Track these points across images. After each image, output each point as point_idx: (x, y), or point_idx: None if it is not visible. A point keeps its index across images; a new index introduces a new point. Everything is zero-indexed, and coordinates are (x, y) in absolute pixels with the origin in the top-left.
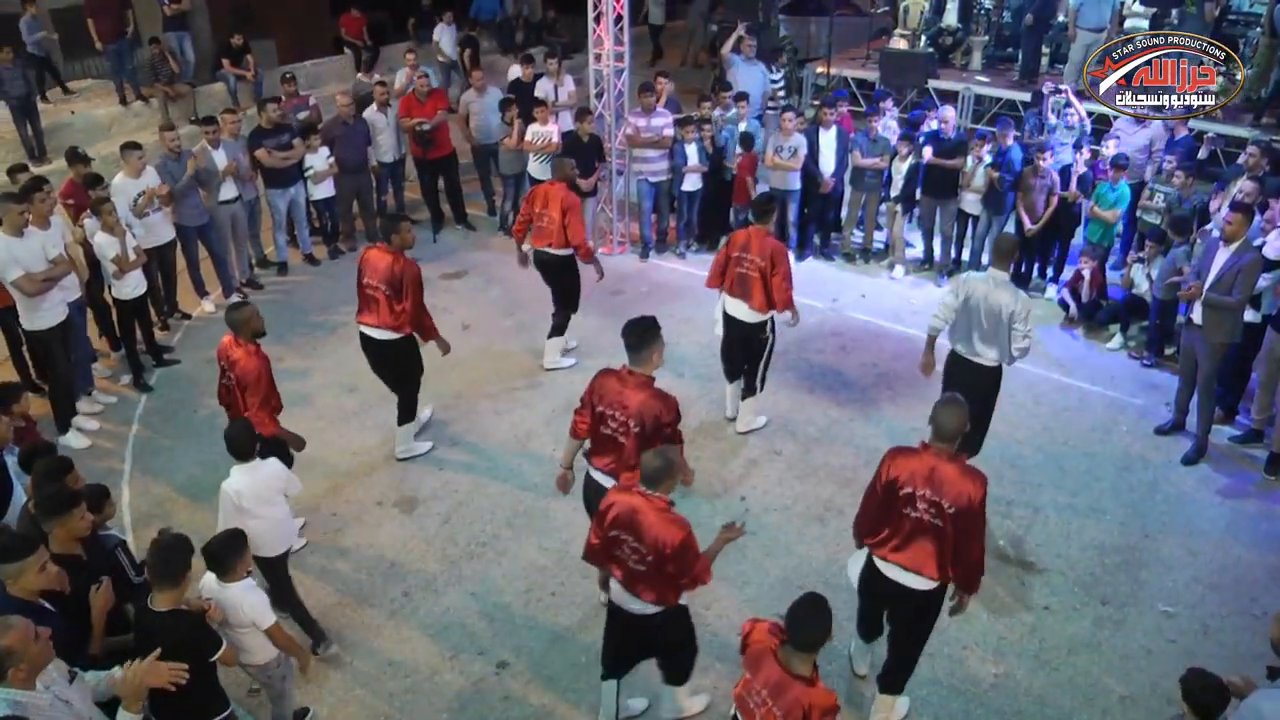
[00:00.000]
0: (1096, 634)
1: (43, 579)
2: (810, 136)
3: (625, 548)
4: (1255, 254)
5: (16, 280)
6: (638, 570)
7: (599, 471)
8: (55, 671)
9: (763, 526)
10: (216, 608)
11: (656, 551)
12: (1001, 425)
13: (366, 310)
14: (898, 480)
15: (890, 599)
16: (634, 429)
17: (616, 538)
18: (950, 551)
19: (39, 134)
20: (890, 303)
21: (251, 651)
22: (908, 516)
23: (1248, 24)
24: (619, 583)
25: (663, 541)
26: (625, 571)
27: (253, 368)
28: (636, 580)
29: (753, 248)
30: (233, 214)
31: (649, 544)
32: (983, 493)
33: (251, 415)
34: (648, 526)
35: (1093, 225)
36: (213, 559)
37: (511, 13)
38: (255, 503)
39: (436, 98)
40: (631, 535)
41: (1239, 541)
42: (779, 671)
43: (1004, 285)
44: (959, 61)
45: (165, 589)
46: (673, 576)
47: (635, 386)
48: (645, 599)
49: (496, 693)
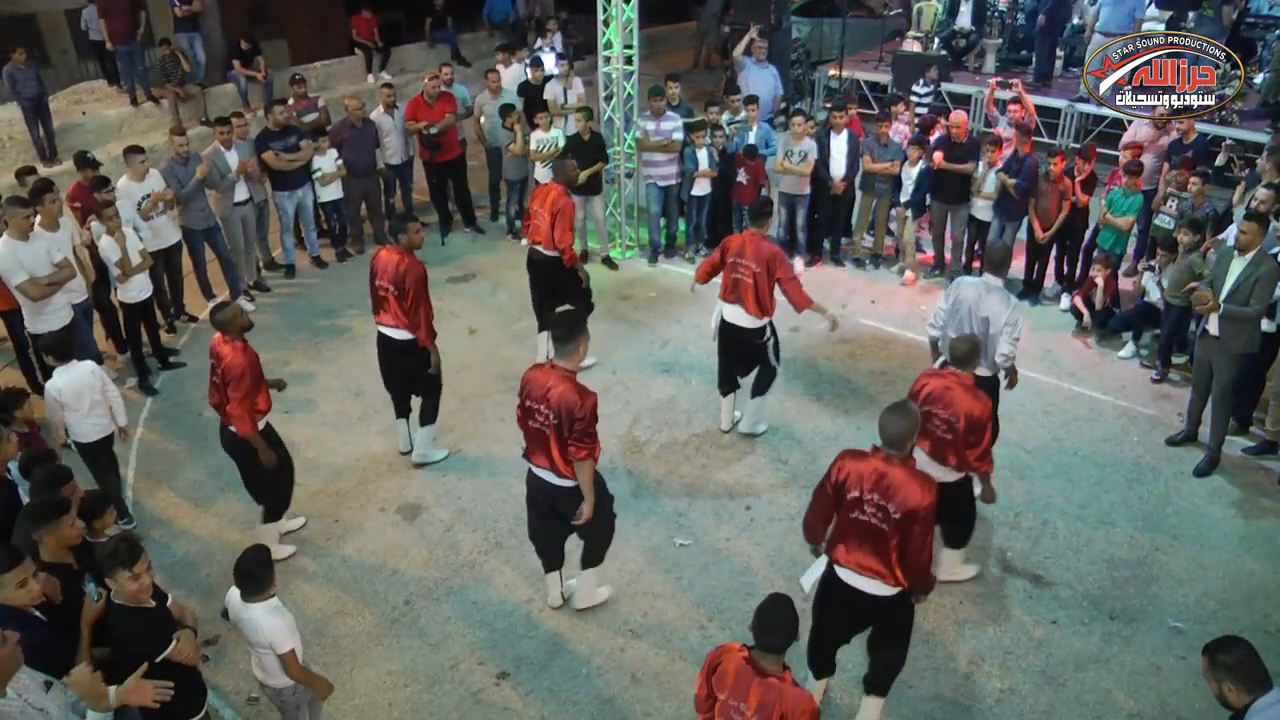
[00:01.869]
0: (1105, 649)
1: (22, 595)
2: (821, 141)
3: (935, 420)
4: (1272, 263)
5: (21, 284)
6: (944, 439)
7: (537, 468)
8: (28, 679)
9: (768, 536)
10: (191, 613)
11: (966, 419)
12: (1010, 434)
13: (382, 310)
14: (846, 483)
15: (852, 607)
16: (553, 420)
17: (929, 412)
18: (896, 556)
19: (50, 135)
20: (900, 309)
21: (269, 672)
22: (855, 519)
23: (1266, 27)
24: (926, 454)
25: (968, 410)
26: (934, 442)
27: (238, 363)
28: (943, 449)
29: (748, 253)
30: (243, 216)
31: (959, 415)
32: (930, 500)
33: (232, 409)
34: (956, 401)
35: (1105, 232)
36: (243, 575)
37: (523, 14)
38: (72, 398)
39: (445, 101)
40: (942, 409)
41: (1252, 556)
42: (752, 677)
43: (996, 291)
44: (972, 64)
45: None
46: (973, 445)
47: (557, 379)
48: (950, 465)
49: (497, 703)
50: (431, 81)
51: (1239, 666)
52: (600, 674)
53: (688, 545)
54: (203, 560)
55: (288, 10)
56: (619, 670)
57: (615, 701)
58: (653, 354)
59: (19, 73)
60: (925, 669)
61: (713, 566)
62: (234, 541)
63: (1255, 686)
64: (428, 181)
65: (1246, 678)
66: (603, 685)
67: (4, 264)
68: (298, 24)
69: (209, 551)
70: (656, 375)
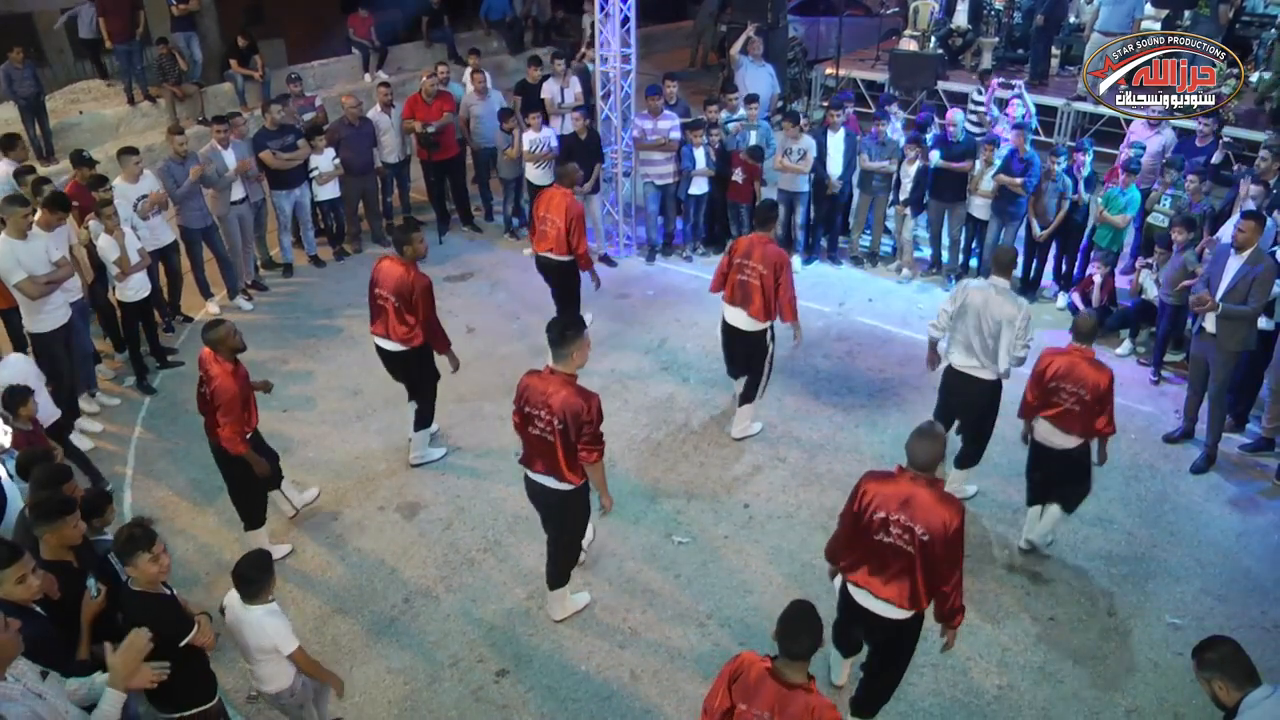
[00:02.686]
0: (1102, 646)
1: (21, 590)
2: (818, 139)
3: (1063, 394)
4: (1269, 262)
5: (20, 283)
6: (1073, 410)
7: (536, 474)
8: (25, 665)
9: (766, 534)
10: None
11: (1093, 391)
12: (1009, 432)
13: (377, 320)
14: (871, 504)
15: (862, 624)
16: (558, 427)
17: (1056, 388)
18: (922, 581)
19: (47, 134)
20: (898, 307)
21: (264, 680)
22: (880, 542)
23: (1262, 26)
24: (1049, 422)
25: (1095, 382)
26: (1060, 412)
27: (227, 387)
28: (1069, 419)
29: (755, 255)
30: (240, 215)
31: (1087, 387)
32: (959, 521)
33: (222, 433)
34: (1084, 375)
35: (1102, 230)
36: (241, 579)
37: (521, 13)
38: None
39: (443, 100)
40: (1070, 384)
41: (1249, 553)
42: (777, 688)
43: (1005, 294)
44: (969, 63)
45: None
46: (1097, 414)
47: (558, 385)
48: (1074, 433)
49: (496, 701)
50: (430, 80)
51: (1224, 662)
52: (599, 671)
53: (686, 543)
54: (200, 558)
55: (285, 9)
56: (618, 668)
57: (614, 699)
58: (650, 352)
59: (15, 72)
60: (923, 665)
61: (711, 565)
62: (232, 540)
63: (1243, 681)
64: (425, 180)
65: (1234, 673)
66: (602, 683)
67: (3, 263)
68: (294, 23)
69: (207, 550)
70: (654, 373)
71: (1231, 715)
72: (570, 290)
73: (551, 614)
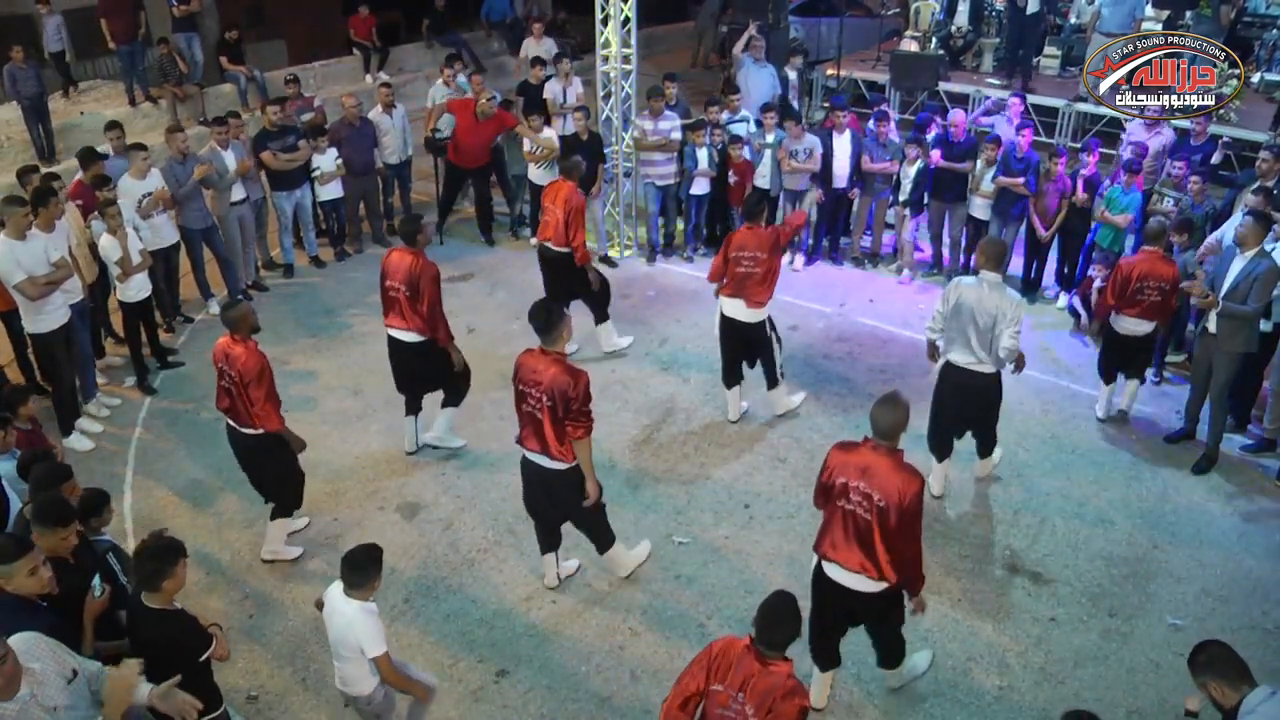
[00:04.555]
0: (1103, 646)
1: (32, 583)
2: (824, 141)
3: (1147, 290)
4: (1271, 263)
5: (19, 284)
6: (1155, 302)
7: (530, 452)
8: (54, 672)
9: (766, 535)
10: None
11: (1171, 282)
12: (1009, 433)
13: (391, 312)
14: (834, 471)
15: (840, 602)
16: (546, 403)
17: (1141, 287)
18: (882, 549)
19: (49, 134)
20: (899, 308)
21: (346, 681)
22: (843, 510)
23: (1264, 26)
24: (1134, 316)
25: (1171, 275)
26: (1144, 306)
27: (254, 363)
28: (1152, 310)
29: (750, 244)
30: (240, 216)
31: (1167, 280)
32: (915, 489)
33: (258, 410)
34: (1162, 272)
35: (1103, 230)
36: (352, 566)
37: (522, 14)
38: None
39: (495, 122)
40: (1153, 280)
41: (1250, 553)
42: (751, 665)
43: (997, 287)
44: (970, 64)
45: (149, 591)
46: (1173, 297)
47: (548, 363)
48: (1154, 320)
49: (496, 701)
50: (488, 102)
51: (1213, 663)
52: (599, 672)
53: (686, 543)
54: (201, 559)
55: (285, 10)
56: (618, 668)
57: (614, 699)
58: (651, 352)
59: (18, 72)
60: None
61: (711, 564)
62: (233, 540)
63: (1237, 680)
64: (445, 179)
65: (1226, 673)
66: (601, 683)
67: (2, 264)
68: (295, 24)
69: (208, 551)
70: (655, 373)
71: (1231, 718)
72: (584, 282)
73: (616, 573)
